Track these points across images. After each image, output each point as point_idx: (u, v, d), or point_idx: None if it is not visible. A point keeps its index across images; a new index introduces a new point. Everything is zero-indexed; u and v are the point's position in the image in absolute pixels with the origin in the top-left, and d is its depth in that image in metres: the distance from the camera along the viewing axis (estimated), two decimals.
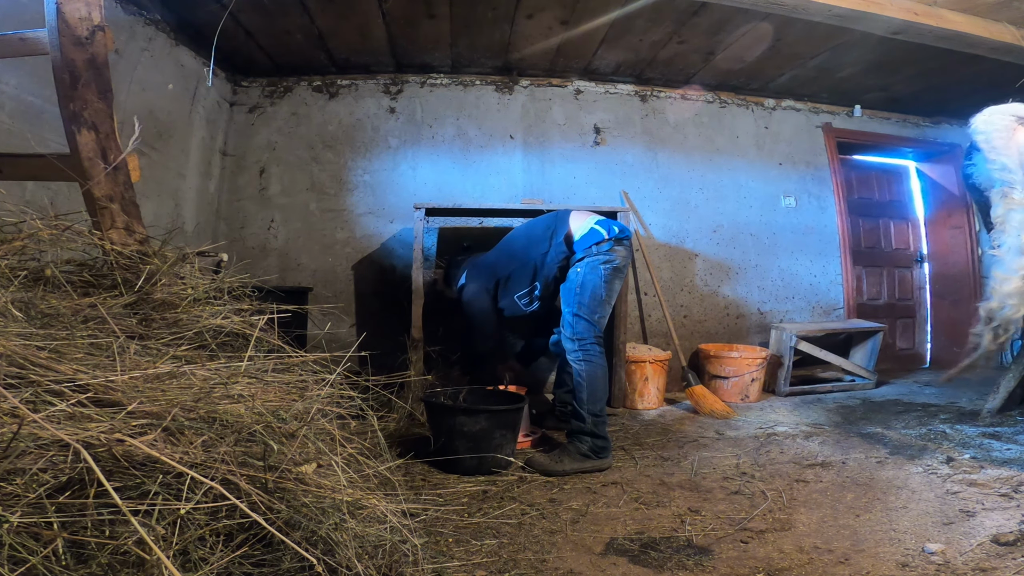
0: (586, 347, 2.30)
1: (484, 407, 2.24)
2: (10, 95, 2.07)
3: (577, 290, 2.32)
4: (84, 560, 0.74)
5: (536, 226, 2.56)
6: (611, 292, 2.35)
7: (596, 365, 2.28)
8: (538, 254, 2.45)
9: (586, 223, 2.41)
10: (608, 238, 2.34)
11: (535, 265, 2.47)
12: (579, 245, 2.36)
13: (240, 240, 3.66)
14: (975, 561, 1.41)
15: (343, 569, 0.98)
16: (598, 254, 2.33)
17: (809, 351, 3.65)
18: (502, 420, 2.16)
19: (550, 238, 2.44)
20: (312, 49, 3.42)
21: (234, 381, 1.10)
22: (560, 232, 2.42)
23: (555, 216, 2.52)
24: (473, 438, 2.10)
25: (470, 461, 2.10)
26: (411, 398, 2.62)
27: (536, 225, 2.57)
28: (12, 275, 1.16)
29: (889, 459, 2.28)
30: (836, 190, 4.29)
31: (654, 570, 1.42)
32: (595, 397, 2.26)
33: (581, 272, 2.33)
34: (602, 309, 2.33)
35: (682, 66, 3.73)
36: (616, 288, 2.39)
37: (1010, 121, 2.18)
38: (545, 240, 2.44)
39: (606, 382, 2.32)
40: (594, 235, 2.36)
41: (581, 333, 2.30)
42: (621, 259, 2.37)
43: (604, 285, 2.31)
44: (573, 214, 2.48)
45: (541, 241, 2.46)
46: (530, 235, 2.54)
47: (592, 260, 2.32)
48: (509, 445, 2.19)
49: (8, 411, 0.77)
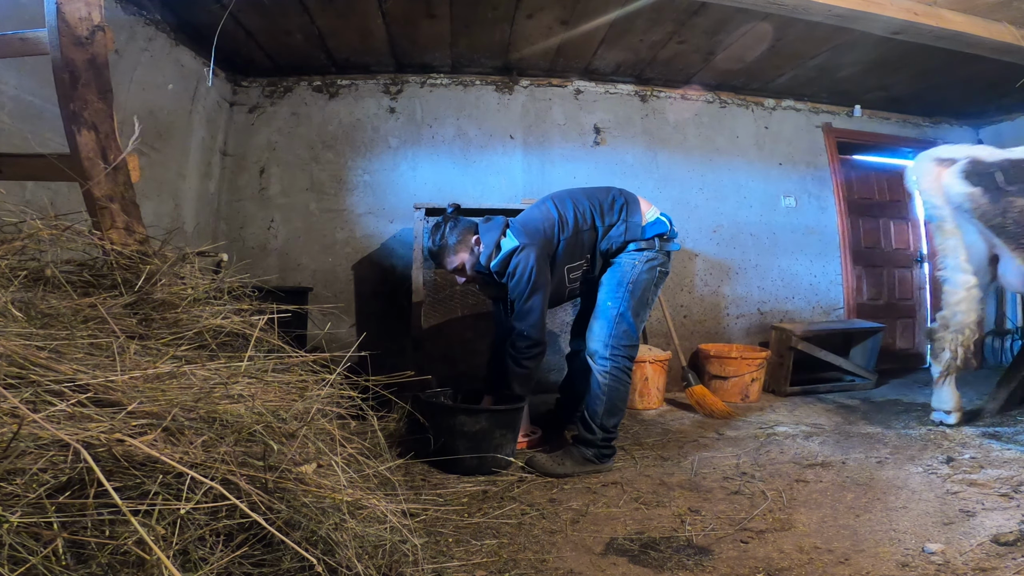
0: (618, 360, 2.09)
1: (484, 407, 2.24)
2: (10, 95, 2.07)
3: (630, 286, 2.08)
4: (84, 560, 0.74)
5: (598, 194, 2.24)
6: (655, 299, 2.17)
7: (623, 383, 2.13)
8: (607, 223, 2.15)
9: (653, 211, 2.21)
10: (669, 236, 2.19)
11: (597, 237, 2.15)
12: (647, 231, 2.14)
13: (240, 240, 3.67)
14: (975, 561, 1.41)
15: (343, 569, 0.98)
16: (659, 251, 2.14)
17: (809, 351, 3.65)
18: (502, 420, 2.16)
19: (621, 211, 2.16)
20: (312, 49, 3.42)
21: (234, 381, 1.10)
22: (635, 210, 2.16)
23: (621, 191, 2.26)
24: (473, 438, 2.10)
25: (470, 461, 2.10)
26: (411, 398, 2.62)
27: (598, 193, 2.25)
28: (12, 275, 1.16)
29: (889, 459, 2.28)
30: (836, 190, 4.29)
31: (654, 570, 1.42)
32: (612, 412, 2.15)
33: (638, 267, 2.10)
34: (645, 314, 2.15)
35: (682, 66, 3.73)
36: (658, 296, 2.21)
37: (933, 165, 2.51)
38: (615, 212, 2.16)
39: (627, 401, 2.19)
40: (660, 226, 2.17)
41: (620, 338, 2.08)
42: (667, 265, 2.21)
43: (655, 288, 2.14)
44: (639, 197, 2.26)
45: (609, 211, 2.17)
46: (594, 201, 2.20)
47: (651, 256, 2.11)
48: (509, 445, 2.19)
49: (8, 411, 0.77)
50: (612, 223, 2.16)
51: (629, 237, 2.13)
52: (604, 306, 2.13)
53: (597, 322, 2.14)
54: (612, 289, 2.12)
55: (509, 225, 2.18)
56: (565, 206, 2.18)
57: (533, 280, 2.05)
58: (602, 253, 2.18)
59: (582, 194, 2.25)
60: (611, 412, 2.16)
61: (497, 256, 2.12)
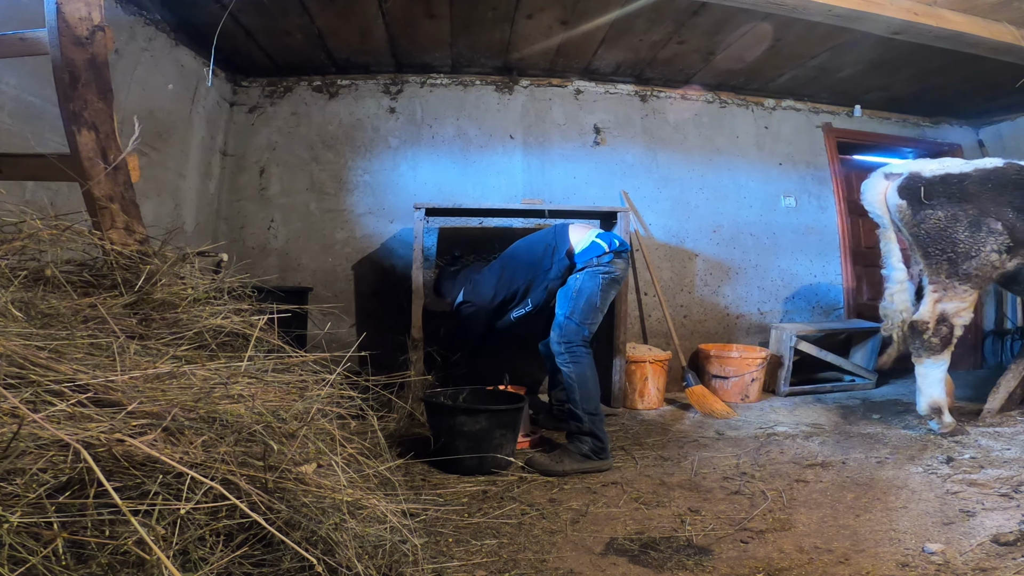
0: (572, 350, 2.33)
1: (484, 407, 2.24)
2: (10, 95, 2.07)
3: (574, 295, 2.38)
4: (84, 560, 0.74)
5: (535, 244, 2.61)
6: (605, 301, 2.41)
7: (584, 365, 2.31)
8: (540, 272, 2.50)
9: (587, 236, 2.48)
10: (609, 251, 2.40)
11: (535, 283, 2.52)
12: (580, 258, 2.42)
13: (240, 240, 3.66)
14: (975, 561, 1.41)
15: (343, 569, 0.98)
16: (599, 265, 2.39)
17: (809, 351, 3.65)
18: (502, 420, 2.16)
19: (551, 255, 2.49)
20: (312, 49, 3.42)
21: (234, 381, 1.10)
22: (561, 248, 2.48)
23: (553, 232, 2.57)
24: (473, 438, 2.10)
25: (470, 461, 2.10)
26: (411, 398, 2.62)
27: (535, 243, 2.62)
28: (12, 275, 1.16)
29: (889, 459, 2.28)
30: (836, 190, 4.29)
31: (654, 570, 1.42)
32: (588, 395, 2.28)
33: (580, 279, 2.39)
34: (593, 316, 2.38)
35: (682, 66, 3.73)
36: (610, 298, 2.46)
37: (881, 179, 2.84)
38: (547, 257, 2.50)
39: (596, 380, 2.35)
40: (595, 248, 2.42)
41: (570, 337, 2.34)
42: (620, 271, 2.43)
43: (600, 293, 2.37)
44: (572, 228, 2.55)
45: (543, 258, 2.51)
46: (531, 253, 2.59)
47: (592, 270, 2.39)
48: (509, 445, 2.19)
49: (8, 411, 0.77)
50: (546, 268, 2.50)
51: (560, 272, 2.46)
52: (556, 315, 2.42)
53: (553, 329, 2.42)
54: (560, 299, 2.44)
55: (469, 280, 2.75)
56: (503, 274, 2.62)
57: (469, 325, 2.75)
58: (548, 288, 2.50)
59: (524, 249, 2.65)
60: (587, 396, 2.28)
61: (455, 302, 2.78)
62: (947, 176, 2.65)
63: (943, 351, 2.62)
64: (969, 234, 2.57)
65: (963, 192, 2.60)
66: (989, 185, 2.59)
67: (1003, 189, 2.57)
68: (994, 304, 4.49)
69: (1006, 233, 2.54)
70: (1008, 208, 2.55)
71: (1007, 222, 2.55)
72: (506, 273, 2.64)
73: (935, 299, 2.65)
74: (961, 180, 2.63)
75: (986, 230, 2.56)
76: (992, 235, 2.55)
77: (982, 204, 2.58)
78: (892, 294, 2.83)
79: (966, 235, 2.57)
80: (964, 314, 2.63)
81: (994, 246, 2.55)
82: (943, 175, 2.66)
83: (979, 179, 2.61)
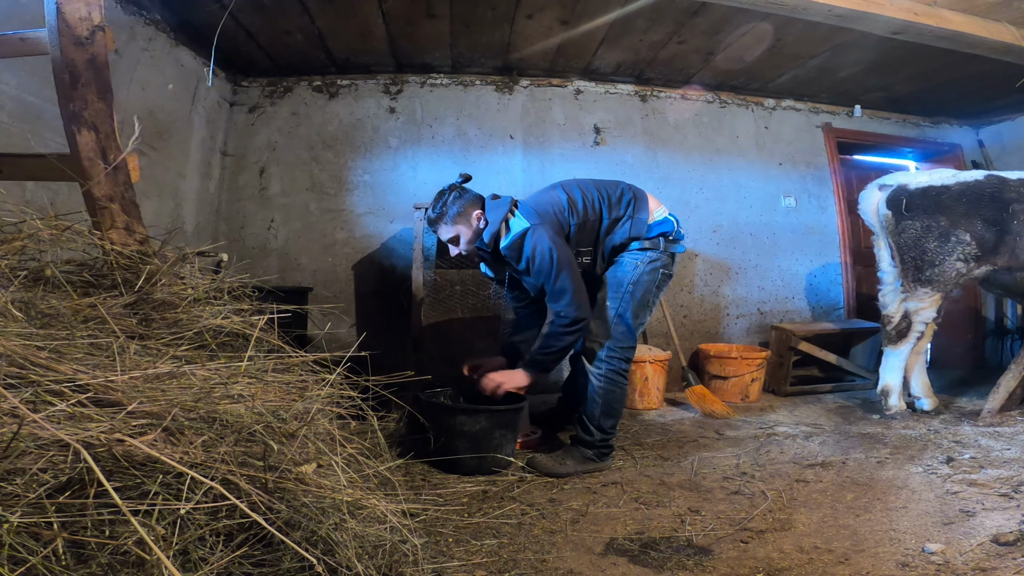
0: (613, 362, 2.08)
1: (484, 407, 2.22)
2: (10, 95, 2.07)
3: (630, 286, 2.06)
4: (84, 560, 0.74)
5: (607, 186, 2.19)
6: (656, 301, 2.15)
7: (619, 386, 2.12)
8: (613, 216, 2.11)
9: (661, 210, 2.18)
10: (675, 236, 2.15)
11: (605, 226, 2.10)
12: (653, 229, 2.11)
13: (240, 240, 3.66)
14: (975, 561, 1.41)
15: (343, 569, 0.98)
16: (663, 251, 2.10)
17: (809, 351, 3.65)
18: (502, 420, 2.15)
19: (628, 205, 2.11)
20: (312, 49, 3.42)
21: (234, 381, 1.10)
22: (642, 207, 2.11)
23: (630, 186, 2.20)
24: (473, 438, 2.09)
25: (470, 461, 2.09)
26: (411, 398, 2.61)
27: (607, 185, 2.20)
28: (12, 275, 1.16)
29: (889, 459, 2.28)
30: (836, 190, 4.29)
31: (654, 570, 1.42)
32: (609, 414, 2.14)
33: (640, 267, 2.06)
34: (645, 316, 2.12)
35: (682, 66, 3.73)
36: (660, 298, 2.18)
37: (873, 190, 3.11)
38: (622, 206, 2.12)
39: (624, 402, 2.17)
40: (666, 224, 2.13)
41: (618, 339, 2.06)
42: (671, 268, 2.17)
43: (656, 291, 2.11)
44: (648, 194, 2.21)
45: (617, 205, 2.13)
46: (603, 192, 2.15)
47: (655, 256, 2.08)
48: (509, 445, 2.18)
49: (8, 411, 0.77)
50: (619, 216, 2.10)
51: (634, 234, 2.08)
52: (603, 306, 2.10)
53: (595, 322, 2.10)
54: (613, 289, 2.08)
55: (517, 205, 2.08)
56: (574, 193, 2.13)
57: (556, 259, 1.93)
58: (606, 248, 2.12)
59: (591, 184, 2.20)
60: (608, 414, 2.15)
61: (507, 236, 2.01)
62: (928, 189, 2.90)
63: (899, 342, 2.97)
64: (937, 244, 2.84)
65: (939, 204, 2.85)
66: (964, 199, 2.82)
67: (977, 202, 2.80)
68: (994, 304, 4.49)
69: (974, 243, 2.79)
70: (978, 220, 2.79)
71: (975, 233, 2.79)
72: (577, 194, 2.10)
73: (901, 298, 2.98)
74: (940, 193, 2.87)
75: (954, 240, 2.81)
76: (960, 245, 2.80)
77: (954, 216, 2.82)
78: (884, 295, 3.10)
79: (934, 245, 2.84)
80: (923, 312, 2.93)
81: (960, 255, 2.80)
82: (925, 188, 2.91)
83: (956, 192, 2.85)
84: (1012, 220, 2.73)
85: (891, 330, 2.98)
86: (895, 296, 3.02)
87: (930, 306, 2.91)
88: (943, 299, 2.93)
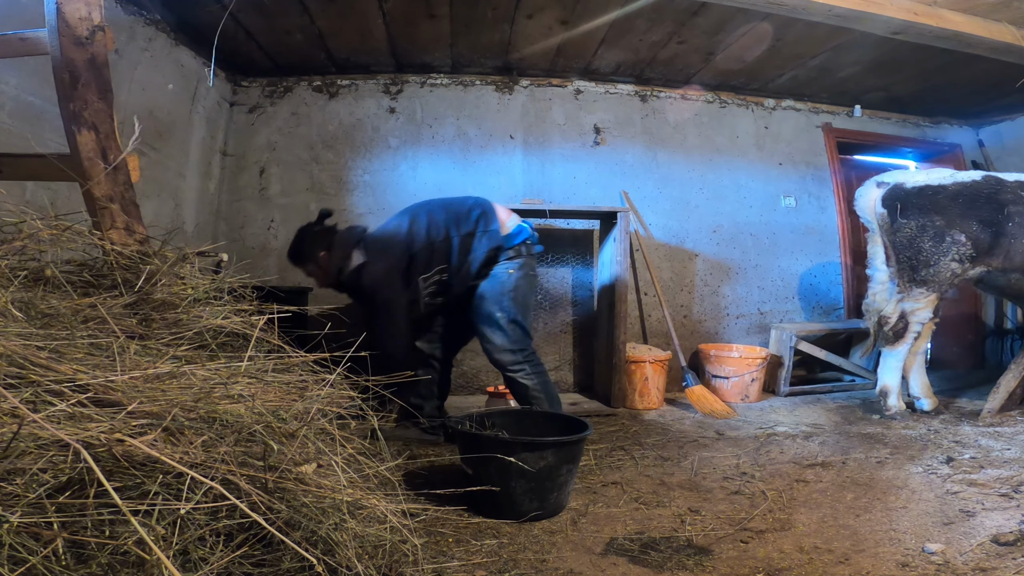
0: (530, 357, 2.20)
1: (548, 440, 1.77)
2: (10, 95, 2.07)
3: (511, 293, 2.16)
4: (84, 560, 0.74)
5: (455, 204, 2.28)
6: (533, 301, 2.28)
7: (545, 374, 2.24)
8: (463, 232, 2.19)
9: (513, 219, 2.30)
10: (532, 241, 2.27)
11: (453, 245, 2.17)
12: (509, 239, 2.21)
13: (240, 240, 3.66)
14: (975, 561, 1.41)
15: (343, 569, 0.98)
16: (528, 257, 2.23)
17: (809, 351, 3.65)
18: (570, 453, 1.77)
19: (478, 220, 2.21)
20: (312, 49, 3.42)
21: (234, 381, 1.10)
22: (492, 220, 2.21)
23: (478, 200, 2.31)
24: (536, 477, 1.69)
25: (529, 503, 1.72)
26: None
27: (455, 203, 2.29)
28: (12, 275, 1.15)
29: (889, 459, 2.28)
30: (836, 190, 4.29)
31: (654, 570, 1.42)
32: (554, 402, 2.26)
33: (514, 274, 2.18)
34: (529, 316, 2.23)
35: (682, 66, 3.73)
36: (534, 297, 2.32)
37: (871, 187, 3.09)
38: (471, 222, 2.21)
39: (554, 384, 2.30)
40: (524, 232, 2.25)
41: (521, 342, 2.17)
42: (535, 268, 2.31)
43: (532, 292, 2.25)
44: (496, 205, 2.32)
45: (465, 220, 2.21)
46: (450, 212, 2.24)
47: (523, 263, 2.21)
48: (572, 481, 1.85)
49: (8, 411, 0.77)
50: (470, 231, 2.21)
51: (494, 245, 2.18)
52: (493, 317, 2.18)
53: (493, 333, 2.18)
54: (496, 300, 2.18)
55: (363, 239, 2.29)
56: (418, 221, 2.25)
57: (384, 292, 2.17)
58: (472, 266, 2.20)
59: (440, 206, 2.32)
60: (554, 401, 2.26)
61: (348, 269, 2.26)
62: (924, 188, 2.90)
63: (896, 342, 2.95)
64: (932, 244, 2.83)
65: (935, 205, 2.85)
66: (960, 200, 2.84)
67: (973, 202, 2.80)
68: (994, 304, 4.49)
69: (969, 244, 2.79)
70: (974, 221, 2.79)
71: (971, 234, 2.79)
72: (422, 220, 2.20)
73: (898, 299, 2.97)
74: (936, 193, 2.86)
75: (949, 241, 2.80)
76: (955, 246, 2.80)
77: (950, 216, 2.82)
78: (875, 293, 3.10)
79: (929, 245, 2.84)
80: (920, 313, 2.92)
81: (955, 256, 2.80)
82: (921, 187, 2.90)
83: (953, 192, 2.85)
84: (1007, 222, 2.73)
85: (888, 331, 2.97)
86: (885, 296, 3.03)
87: (926, 306, 2.91)
88: (939, 299, 2.93)
